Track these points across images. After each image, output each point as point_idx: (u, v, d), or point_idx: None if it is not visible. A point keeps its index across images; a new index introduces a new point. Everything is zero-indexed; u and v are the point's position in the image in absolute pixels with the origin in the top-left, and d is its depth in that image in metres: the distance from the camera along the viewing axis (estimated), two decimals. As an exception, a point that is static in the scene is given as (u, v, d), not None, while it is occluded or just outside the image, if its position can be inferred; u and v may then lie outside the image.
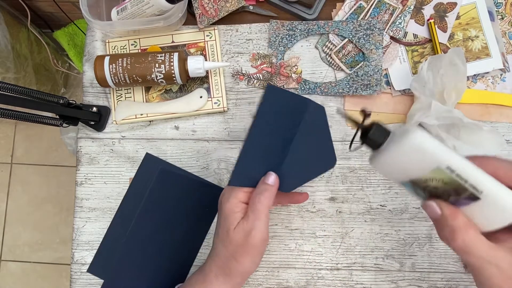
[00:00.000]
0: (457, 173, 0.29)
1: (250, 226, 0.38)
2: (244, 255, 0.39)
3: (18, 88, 0.46)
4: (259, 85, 0.56)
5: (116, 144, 0.56)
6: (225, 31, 0.57)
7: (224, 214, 0.40)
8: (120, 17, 0.54)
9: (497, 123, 0.54)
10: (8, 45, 1.00)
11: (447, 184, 0.30)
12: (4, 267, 1.37)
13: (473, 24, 0.55)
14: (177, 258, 0.52)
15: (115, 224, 0.53)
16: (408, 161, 0.31)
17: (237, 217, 0.39)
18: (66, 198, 1.38)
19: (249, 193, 0.40)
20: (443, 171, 0.30)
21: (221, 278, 0.41)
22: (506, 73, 0.54)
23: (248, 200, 0.40)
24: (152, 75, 0.51)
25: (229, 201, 0.40)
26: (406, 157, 0.31)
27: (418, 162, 0.31)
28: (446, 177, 0.30)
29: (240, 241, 0.38)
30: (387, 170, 0.34)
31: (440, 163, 0.30)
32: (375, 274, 0.52)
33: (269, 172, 0.40)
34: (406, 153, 0.31)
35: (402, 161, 0.32)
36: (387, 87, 0.55)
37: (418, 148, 0.30)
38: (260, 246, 0.39)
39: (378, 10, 0.55)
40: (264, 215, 0.38)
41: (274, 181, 0.39)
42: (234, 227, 0.39)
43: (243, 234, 0.38)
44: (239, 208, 0.40)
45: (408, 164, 0.31)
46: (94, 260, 0.52)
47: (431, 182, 0.31)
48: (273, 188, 0.39)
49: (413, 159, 0.31)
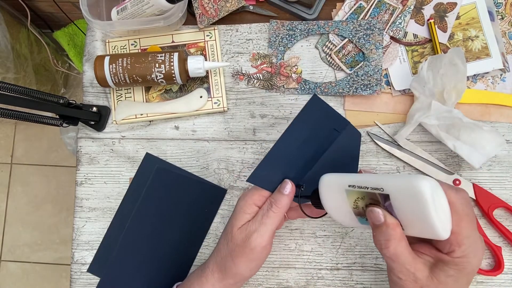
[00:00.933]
0: (357, 185, 0.34)
1: (254, 229, 0.38)
2: (240, 256, 0.39)
3: (18, 88, 0.46)
4: (259, 85, 0.56)
5: (116, 144, 0.56)
6: (225, 31, 0.57)
7: (235, 211, 0.41)
8: (120, 17, 0.54)
9: (497, 123, 0.54)
10: (8, 45, 1.00)
11: (364, 198, 0.34)
12: (4, 267, 1.37)
13: (473, 24, 0.55)
14: (177, 258, 0.52)
15: (115, 224, 0.53)
16: (337, 201, 0.37)
17: (246, 218, 0.40)
18: (66, 198, 1.38)
19: (265, 197, 0.40)
20: (350, 191, 0.35)
21: (216, 275, 0.41)
22: (506, 73, 0.55)
23: (262, 205, 0.40)
24: (152, 75, 0.51)
25: (244, 200, 0.40)
26: (332, 198, 0.37)
27: (339, 196, 0.36)
28: (356, 193, 0.34)
29: (240, 241, 0.39)
30: (342, 219, 0.38)
31: (343, 186, 0.35)
32: (375, 274, 0.52)
33: (285, 180, 0.40)
34: (329, 196, 0.37)
35: (336, 204, 0.37)
36: (387, 87, 0.55)
37: (328, 187, 0.37)
38: (259, 252, 0.39)
39: (378, 10, 0.55)
40: (271, 222, 0.38)
41: (290, 190, 0.39)
42: (239, 226, 0.39)
43: (244, 235, 0.38)
44: (250, 210, 0.40)
45: (339, 203, 0.37)
46: (94, 260, 0.52)
47: (359, 204, 0.35)
48: (287, 198, 0.39)
49: (336, 197, 0.36)
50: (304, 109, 0.39)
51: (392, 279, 0.35)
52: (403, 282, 0.33)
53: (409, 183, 0.30)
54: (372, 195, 0.33)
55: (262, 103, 0.56)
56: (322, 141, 0.41)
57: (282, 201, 0.39)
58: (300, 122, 0.39)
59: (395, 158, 0.53)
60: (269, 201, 0.39)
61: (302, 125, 0.40)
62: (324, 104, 0.41)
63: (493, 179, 0.53)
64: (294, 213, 0.45)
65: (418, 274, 0.33)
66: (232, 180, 0.55)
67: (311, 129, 0.40)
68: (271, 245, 0.40)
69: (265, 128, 0.55)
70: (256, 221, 0.39)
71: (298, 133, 0.40)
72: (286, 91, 0.55)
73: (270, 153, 0.39)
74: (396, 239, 0.32)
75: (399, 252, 0.32)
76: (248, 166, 0.55)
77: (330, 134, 0.41)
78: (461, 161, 0.53)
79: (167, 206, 0.50)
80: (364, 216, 0.35)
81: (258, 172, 0.39)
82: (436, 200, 0.30)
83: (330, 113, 0.42)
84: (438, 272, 0.33)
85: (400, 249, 0.32)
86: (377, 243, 0.34)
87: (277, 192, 0.40)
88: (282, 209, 0.39)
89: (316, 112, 0.40)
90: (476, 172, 0.53)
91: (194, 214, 0.52)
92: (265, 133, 0.55)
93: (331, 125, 0.41)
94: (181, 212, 0.51)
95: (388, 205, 0.32)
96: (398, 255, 0.33)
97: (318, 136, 0.41)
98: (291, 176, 0.41)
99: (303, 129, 0.40)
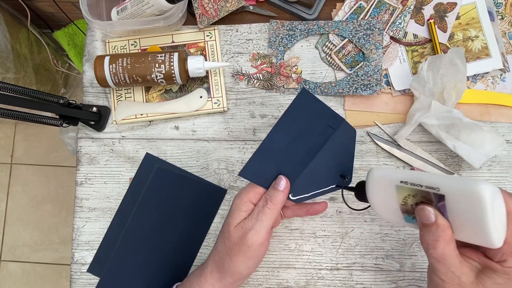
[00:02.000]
0: (410, 182, 0.33)
1: (250, 227, 0.38)
2: (237, 254, 0.39)
3: (18, 88, 0.46)
4: (259, 85, 0.56)
5: (116, 144, 0.56)
6: (225, 31, 0.57)
7: (231, 210, 0.41)
8: (120, 17, 0.54)
9: (497, 123, 0.54)
10: (8, 45, 1.00)
11: (416, 196, 0.34)
12: (4, 267, 1.37)
13: (473, 24, 0.55)
14: (176, 258, 0.52)
15: (115, 224, 0.53)
16: (384, 196, 0.36)
17: (241, 215, 0.40)
18: (66, 198, 1.38)
19: (260, 194, 0.40)
20: (402, 187, 0.34)
21: (215, 274, 0.41)
22: (506, 73, 0.55)
23: (257, 202, 0.40)
24: (152, 75, 0.51)
25: (239, 198, 0.40)
26: (380, 193, 0.37)
27: (388, 191, 0.36)
28: (408, 190, 0.34)
29: (236, 239, 0.39)
30: (386, 215, 0.38)
31: (395, 181, 0.35)
32: (375, 274, 0.52)
33: (280, 176, 0.40)
34: (377, 191, 0.37)
35: (383, 199, 0.37)
36: (387, 87, 0.55)
37: (378, 181, 0.37)
38: (256, 250, 0.39)
39: (378, 10, 0.55)
40: (266, 218, 0.38)
41: (284, 186, 0.39)
42: (236, 225, 0.39)
43: (241, 232, 0.38)
44: (246, 207, 0.40)
45: (386, 198, 0.36)
46: (94, 260, 0.52)
47: (408, 201, 0.35)
48: (282, 194, 0.39)
49: (384, 192, 0.36)
50: (293, 103, 0.39)
51: (434, 280, 0.34)
52: (446, 285, 0.33)
53: (469, 186, 0.30)
54: (425, 193, 0.33)
55: (262, 103, 0.56)
56: (316, 137, 0.41)
57: (277, 197, 0.39)
58: (290, 116, 0.39)
59: (395, 158, 0.53)
60: (264, 197, 0.39)
61: (293, 119, 0.40)
62: (313, 98, 0.41)
63: (493, 179, 0.53)
64: (290, 211, 0.45)
65: (463, 278, 0.33)
66: (232, 180, 0.55)
67: (303, 124, 0.40)
68: (268, 241, 0.40)
69: (265, 128, 0.55)
70: (252, 218, 0.39)
71: (289, 127, 0.40)
72: (286, 91, 0.55)
73: (260, 147, 0.39)
74: (446, 241, 0.32)
75: (447, 254, 0.32)
76: (248, 166, 0.55)
77: (324, 130, 0.41)
78: (461, 161, 0.53)
79: (167, 206, 0.50)
80: (411, 214, 0.35)
81: (250, 166, 0.39)
82: (495, 208, 0.30)
83: (322, 108, 0.41)
84: (485, 279, 0.33)
85: (448, 251, 0.32)
86: (424, 243, 0.33)
87: (272, 188, 0.40)
88: (277, 205, 0.39)
89: (307, 106, 0.40)
90: (476, 172, 0.53)
91: (194, 214, 0.52)
92: (265, 133, 0.55)
93: (324, 121, 0.41)
94: (181, 212, 0.51)
95: (441, 206, 0.32)
96: (446, 257, 0.32)
97: (311, 132, 0.41)
98: (286, 172, 0.40)
99: (294, 123, 0.40)
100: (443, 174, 0.32)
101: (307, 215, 0.46)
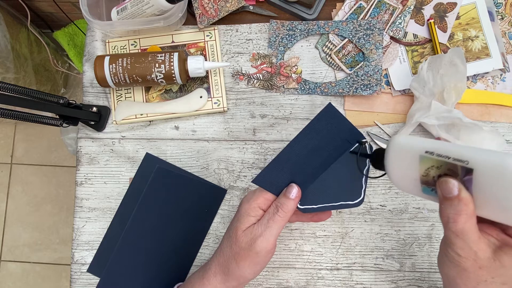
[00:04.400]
0: (436, 152, 0.31)
1: (259, 233, 0.38)
2: (244, 259, 0.39)
3: (18, 88, 0.46)
4: (259, 85, 0.56)
5: (116, 144, 0.56)
6: (225, 31, 0.57)
7: (239, 214, 0.40)
8: (120, 17, 0.54)
9: (497, 123, 0.54)
10: (8, 45, 1.00)
11: (440, 168, 0.32)
12: (4, 267, 1.37)
13: (473, 24, 0.55)
14: (176, 258, 0.52)
15: (115, 224, 0.53)
16: (405, 165, 0.34)
17: (250, 220, 0.39)
18: (66, 198, 1.38)
19: (270, 201, 0.40)
20: (426, 157, 0.32)
21: (219, 277, 0.41)
22: (506, 73, 0.55)
23: (267, 208, 0.40)
24: (152, 75, 0.51)
25: (248, 203, 0.40)
26: (401, 162, 0.35)
27: (409, 161, 0.34)
28: (433, 161, 0.32)
29: (244, 244, 0.38)
30: (403, 184, 0.37)
31: (419, 151, 0.33)
32: (375, 274, 0.52)
33: (292, 184, 0.40)
34: (397, 159, 0.35)
35: (402, 168, 0.35)
36: (387, 87, 0.55)
37: (400, 149, 0.34)
38: (263, 256, 0.38)
39: (378, 10, 0.55)
40: (276, 226, 0.38)
41: (296, 195, 0.39)
42: (244, 229, 0.39)
43: (250, 238, 0.38)
44: (255, 213, 0.40)
45: (407, 167, 0.34)
46: (94, 260, 0.52)
47: (430, 173, 0.33)
48: (293, 203, 0.39)
49: (405, 161, 0.34)
50: (317, 117, 0.38)
51: (449, 254, 0.33)
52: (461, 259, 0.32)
53: (504, 161, 0.28)
54: (451, 166, 0.31)
55: (262, 103, 0.56)
56: (332, 150, 0.41)
57: (289, 206, 0.38)
58: (312, 129, 0.39)
59: (395, 158, 0.53)
60: (275, 205, 0.39)
61: (315, 132, 0.39)
62: (340, 116, 0.40)
63: (493, 179, 0.53)
64: (294, 217, 0.45)
65: (480, 253, 0.32)
66: (232, 180, 0.55)
67: (322, 138, 0.40)
68: (275, 248, 0.39)
69: (265, 128, 0.55)
70: (262, 225, 0.38)
71: (308, 140, 0.39)
72: (286, 91, 0.55)
73: (278, 158, 0.38)
74: (468, 215, 0.31)
75: (467, 229, 0.31)
76: (248, 166, 0.55)
77: (341, 145, 0.41)
78: (461, 161, 0.53)
79: (167, 206, 0.50)
80: (430, 186, 0.34)
81: (264, 175, 0.39)
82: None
83: (344, 124, 0.41)
84: (503, 256, 0.32)
85: (468, 226, 0.31)
86: (444, 216, 0.32)
87: (283, 196, 0.39)
88: (288, 213, 0.38)
89: (329, 121, 0.39)
90: (476, 172, 0.53)
91: (194, 214, 0.52)
92: (265, 133, 0.55)
93: (343, 135, 0.41)
94: (181, 212, 0.51)
95: (467, 180, 0.31)
96: (465, 232, 0.31)
97: (329, 145, 0.40)
98: (297, 181, 0.40)
99: (314, 137, 0.39)
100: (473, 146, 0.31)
101: (310, 221, 0.45)
